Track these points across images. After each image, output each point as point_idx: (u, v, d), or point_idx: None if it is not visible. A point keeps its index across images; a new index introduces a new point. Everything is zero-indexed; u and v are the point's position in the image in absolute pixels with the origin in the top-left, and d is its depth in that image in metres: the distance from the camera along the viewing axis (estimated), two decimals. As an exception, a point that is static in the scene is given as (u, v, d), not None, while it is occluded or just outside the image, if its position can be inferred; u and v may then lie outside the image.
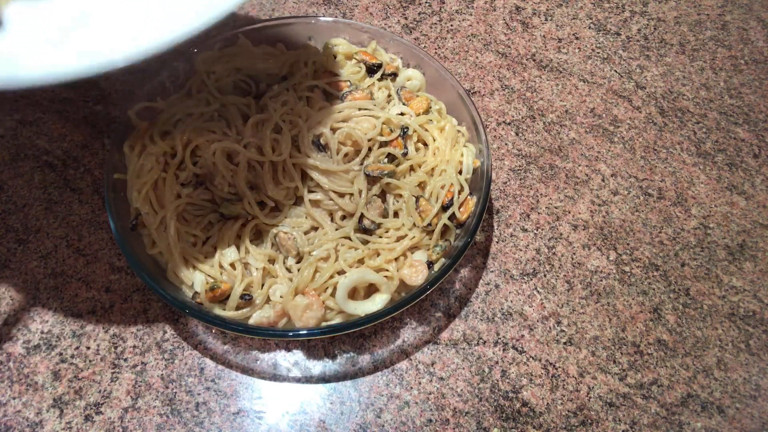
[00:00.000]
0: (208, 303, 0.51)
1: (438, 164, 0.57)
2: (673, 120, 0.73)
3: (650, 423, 0.53)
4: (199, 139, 0.55)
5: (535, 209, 0.64)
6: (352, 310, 0.50)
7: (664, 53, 0.79)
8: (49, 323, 0.54)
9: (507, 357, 0.55)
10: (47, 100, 0.68)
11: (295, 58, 0.63)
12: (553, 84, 0.74)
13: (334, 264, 0.52)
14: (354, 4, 0.80)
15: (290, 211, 0.55)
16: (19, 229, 0.59)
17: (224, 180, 0.54)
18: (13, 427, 0.49)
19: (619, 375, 0.55)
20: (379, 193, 0.56)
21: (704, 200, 0.67)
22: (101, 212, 0.61)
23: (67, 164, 0.63)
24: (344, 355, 0.54)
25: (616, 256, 0.62)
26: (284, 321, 0.52)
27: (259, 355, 0.54)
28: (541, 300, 0.58)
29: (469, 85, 0.74)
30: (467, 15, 0.81)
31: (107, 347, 0.53)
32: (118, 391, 0.51)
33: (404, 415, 0.52)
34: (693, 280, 0.61)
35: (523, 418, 0.52)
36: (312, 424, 0.51)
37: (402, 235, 0.54)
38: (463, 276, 0.59)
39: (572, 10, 0.83)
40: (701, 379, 0.55)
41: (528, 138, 0.69)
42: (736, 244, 0.64)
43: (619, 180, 0.67)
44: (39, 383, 0.51)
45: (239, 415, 0.51)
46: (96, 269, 0.57)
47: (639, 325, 0.58)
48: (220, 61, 0.62)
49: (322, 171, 0.55)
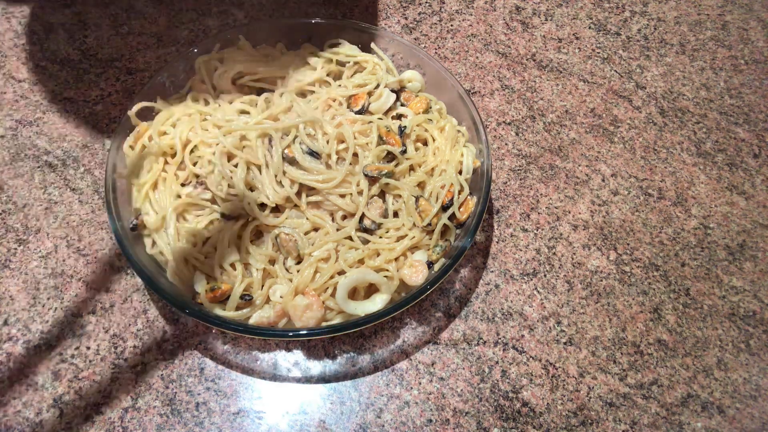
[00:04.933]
0: (208, 303, 0.51)
1: (438, 164, 0.57)
2: (673, 120, 0.73)
3: (650, 423, 0.53)
4: (199, 139, 0.55)
5: (535, 209, 0.64)
6: (352, 310, 0.50)
7: (664, 53, 0.79)
8: (49, 323, 0.54)
9: (507, 357, 0.55)
10: (47, 100, 0.68)
11: (294, 59, 0.63)
12: (553, 84, 0.74)
13: (335, 264, 0.52)
14: (354, 4, 0.80)
15: (291, 212, 0.55)
16: (19, 229, 0.59)
17: (224, 181, 0.54)
18: (13, 427, 0.49)
19: (619, 375, 0.55)
20: (378, 193, 0.56)
21: (704, 200, 0.67)
22: (101, 212, 0.61)
23: (67, 164, 0.63)
24: (344, 355, 0.54)
25: (616, 256, 0.62)
26: (284, 321, 0.52)
27: (259, 355, 0.54)
28: (541, 300, 0.58)
29: (469, 85, 0.74)
30: (467, 15, 0.81)
31: (107, 347, 0.53)
32: (118, 391, 0.51)
33: (404, 415, 0.52)
34: (693, 280, 0.61)
35: (523, 418, 0.52)
36: (312, 424, 0.51)
37: (402, 235, 0.54)
38: (463, 276, 0.59)
39: (572, 10, 0.83)
40: (701, 379, 0.55)
41: (528, 138, 0.69)
42: (736, 244, 0.64)
43: (619, 180, 0.67)
44: (39, 383, 0.51)
45: (239, 415, 0.51)
46: (96, 269, 0.57)
47: (639, 325, 0.58)
48: (220, 61, 0.62)
49: (317, 182, 0.55)
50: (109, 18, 0.76)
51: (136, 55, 0.72)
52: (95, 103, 0.68)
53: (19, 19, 0.75)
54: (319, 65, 0.63)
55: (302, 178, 0.54)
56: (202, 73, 0.62)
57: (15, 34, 0.74)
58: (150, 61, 0.72)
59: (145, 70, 0.71)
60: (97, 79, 0.70)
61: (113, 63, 0.71)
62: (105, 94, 0.69)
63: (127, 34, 0.74)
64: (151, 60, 0.72)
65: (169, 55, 0.73)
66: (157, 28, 0.75)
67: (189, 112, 0.58)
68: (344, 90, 0.61)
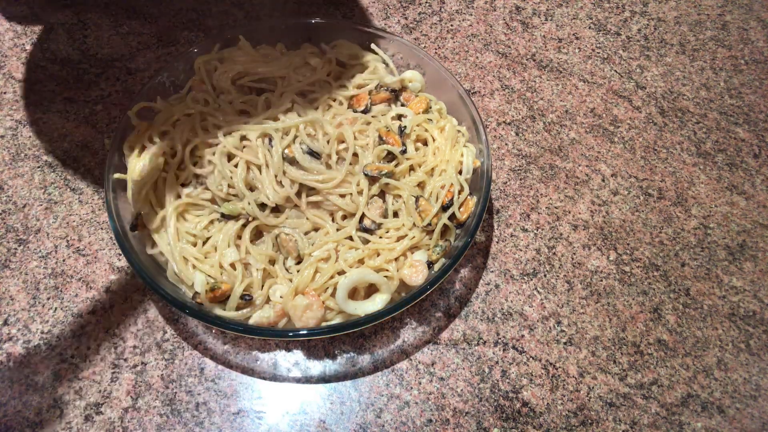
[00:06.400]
0: (208, 303, 0.51)
1: (438, 164, 0.57)
2: (673, 120, 0.73)
3: (650, 423, 0.53)
4: (199, 139, 0.55)
5: (535, 209, 0.64)
6: (352, 310, 0.50)
7: (664, 53, 0.79)
8: (49, 323, 0.54)
9: (507, 357, 0.55)
10: (47, 100, 0.68)
11: (294, 58, 0.63)
12: (553, 84, 0.74)
13: (335, 264, 0.52)
14: (354, 4, 0.80)
15: (291, 212, 0.55)
16: (19, 229, 0.59)
17: (224, 181, 0.54)
18: (13, 427, 0.49)
19: (619, 375, 0.55)
20: (378, 193, 0.56)
21: (704, 200, 0.67)
22: (101, 212, 0.61)
23: (67, 164, 0.63)
24: (344, 355, 0.54)
25: (616, 256, 0.62)
26: (284, 321, 0.52)
27: (259, 355, 0.54)
28: (541, 300, 0.58)
29: (469, 85, 0.74)
30: (467, 15, 0.81)
31: (107, 347, 0.53)
32: (118, 391, 0.51)
33: (404, 415, 0.52)
34: (693, 280, 0.61)
35: (523, 418, 0.52)
36: (312, 424, 0.51)
37: (402, 235, 0.54)
38: (463, 276, 0.59)
39: (572, 10, 0.83)
40: (701, 379, 0.55)
41: (528, 138, 0.69)
42: (736, 244, 0.64)
43: (619, 180, 0.67)
44: (39, 383, 0.51)
45: (239, 415, 0.51)
46: (96, 269, 0.57)
47: (639, 325, 0.58)
48: (220, 61, 0.62)
49: (317, 182, 0.55)
50: (109, 18, 0.76)
51: (136, 55, 0.72)
52: (95, 103, 0.68)
53: (19, 19, 0.75)
54: (320, 65, 0.63)
55: (302, 178, 0.54)
56: (202, 73, 0.61)
57: (15, 34, 0.74)
58: (150, 61, 0.72)
59: (145, 70, 0.71)
60: (97, 79, 0.70)
61: (113, 63, 0.71)
62: (105, 94, 0.69)
63: (127, 34, 0.74)
64: (151, 60, 0.72)
65: (169, 55, 0.73)
66: (157, 28, 0.75)
67: (189, 112, 0.58)
68: (344, 90, 0.61)
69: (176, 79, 0.62)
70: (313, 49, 0.65)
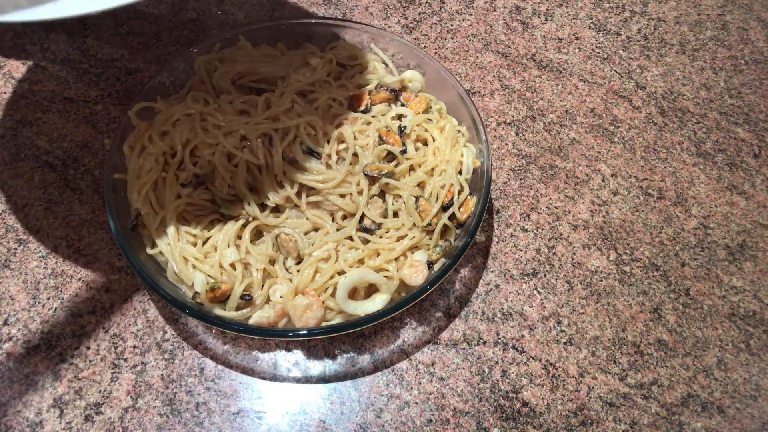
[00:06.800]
0: (208, 303, 0.51)
1: (438, 164, 0.57)
2: (673, 120, 0.73)
3: (650, 423, 0.53)
4: (199, 139, 0.55)
5: (535, 209, 0.64)
6: (352, 310, 0.50)
7: (664, 53, 0.79)
8: (49, 323, 0.54)
9: (507, 357, 0.55)
10: (47, 100, 0.68)
11: (294, 58, 0.63)
12: (553, 84, 0.74)
13: (335, 264, 0.52)
14: (354, 4, 0.80)
15: (291, 212, 0.55)
16: (19, 229, 0.59)
17: (224, 181, 0.54)
18: (13, 427, 0.49)
19: (619, 375, 0.55)
20: (378, 193, 0.56)
21: (704, 200, 0.67)
22: (101, 212, 0.61)
23: (67, 164, 0.63)
24: (344, 355, 0.54)
25: (616, 256, 0.62)
26: (284, 321, 0.52)
27: (259, 355, 0.54)
28: (541, 300, 0.58)
29: (469, 85, 0.74)
30: (467, 15, 0.81)
31: (107, 347, 0.53)
32: (118, 391, 0.51)
33: (404, 415, 0.52)
34: (693, 280, 0.61)
35: (523, 418, 0.52)
36: (312, 424, 0.51)
37: (402, 235, 0.54)
38: (463, 276, 0.59)
39: (572, 10, 0.83)
40: (701, 379, 0.55)
41: (528, 138, 0.69)
42: (736, 244, 0.64)
43: (619, 180, 0.67)
44: (39, 383, 0.51)
45: (239, 415, 0.51)
46: (96, 269, 0.57)
47: (639, 325, 0.58)
48: (220, 61, 0.62)
49: (317, 182, 0.55)
50: (109, 18, 0.76)
51: (136, 55, 0.72)
52: (95, 103, 0.68)
53: (19, 19, 0.75)
54: (320, 65, 0.63)
55: (302, 178, 0.54)
56: (202, 73, 0.61)
57: (15, 34, 0.74)
58: (150, 61, 0.72)
59: (145, 70, 0.71)
60: (97, 79, 0.70)
61: (113, 63, 0.71)
62: (105, 94, 0.69)
63: (127, 34, 0.74)
64: (151, 60, 0.72)
65: (169, 55, 0.73)
66: (157, 28, 0.75)
67: (189, 112, 0.58)
68: (344, 90, 0.61)
69: (176, 79, 0.62)
70: (313, 49, 0.65)
